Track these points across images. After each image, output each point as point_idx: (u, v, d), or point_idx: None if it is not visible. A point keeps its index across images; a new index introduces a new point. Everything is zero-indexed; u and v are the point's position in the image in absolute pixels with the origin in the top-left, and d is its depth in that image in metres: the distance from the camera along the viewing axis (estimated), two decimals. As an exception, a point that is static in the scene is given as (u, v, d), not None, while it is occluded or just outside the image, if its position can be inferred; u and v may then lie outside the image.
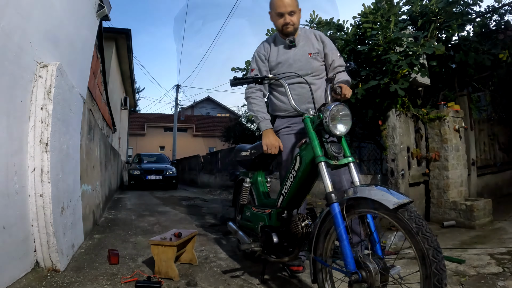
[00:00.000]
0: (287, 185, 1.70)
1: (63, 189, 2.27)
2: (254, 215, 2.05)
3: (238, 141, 10.91)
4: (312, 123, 1.53)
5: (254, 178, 2.24)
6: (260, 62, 2.11)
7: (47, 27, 2.14)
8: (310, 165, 1.53)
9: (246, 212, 2.19)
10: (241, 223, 2.29)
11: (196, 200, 7.13)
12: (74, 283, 1.89)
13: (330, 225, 1.37)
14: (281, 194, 1.76)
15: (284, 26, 2.01)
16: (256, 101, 2.03)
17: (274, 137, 1.93)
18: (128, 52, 9.04)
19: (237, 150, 2.38)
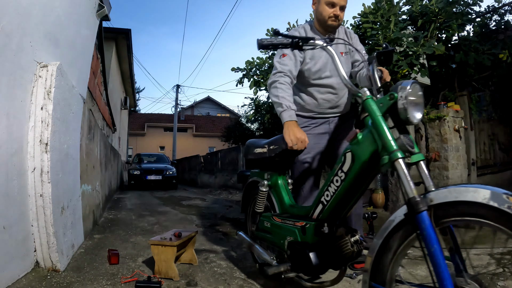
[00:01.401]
0: (330, 191, 1.36)
1: (63, 189, 2.27)
2: (278, 228, 1.66)
3: (238, 141, 10.91)
4: (379, 106, 1.16)
5: (273, 180, 1.83)
6: (296, 50, 1.82)
7: (47, 27, 2.14)
8: (368, 164, 1.21)
9: (264, 223, 1.80)
10: (256, 234, 1.92)
11: (196, 200, 7.13)
12: (74, 283, 1.89)
13: (400, 242, 1.04)
14: (320, 203, 1.42)
15: (331, 18, 1.84)
16: (284, 86, 1.73)
17: (300, 130, 1.61)
18: (128, 52, 9.05)
19: (249, 146, 1.95)
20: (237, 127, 11.53)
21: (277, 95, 1.72)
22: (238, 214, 4.82)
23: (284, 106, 1.68)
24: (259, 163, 1.94)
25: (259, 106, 6.31)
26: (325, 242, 1.39)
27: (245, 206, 2.21)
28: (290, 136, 1.59)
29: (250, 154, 1.92)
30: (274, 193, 1.83)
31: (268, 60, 4.69)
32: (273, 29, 1.44)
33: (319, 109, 1.95)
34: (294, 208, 1.70)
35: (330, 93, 1.90)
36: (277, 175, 1.83)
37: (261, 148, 1.82)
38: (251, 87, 4.64)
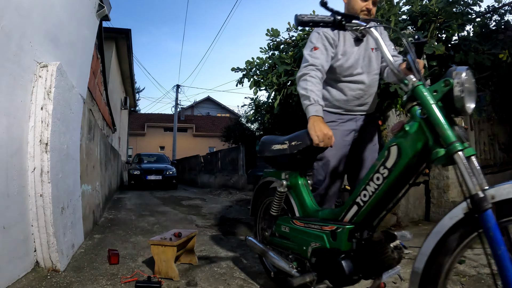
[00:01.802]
0: (369, 190, 1.20)
1: (63, 189, 2.27)
2: (300, 233, 1.51)
3: (238, 141, 10.91)
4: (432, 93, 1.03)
5: (292, 180, 1.66)
6: (328, 44, 1.73)
7: (47, 27, 2.14)
8: (416, 159, 1.08)
9: (282, 227, 1.64)
10: (271, 240, 1.76)
11: (196, 200, 7.13)
12: (74, 283, 1.89)
13: (458, 243, 0.93)
14: (354, 204, 1.27)
15: (363, 12, 1.75)
16: (314, 80, 1.63)
17: (327, 126, 1.49)
18: (128, 52, 9.05)
19: (266, 143, 1.79)
20: (237, 127, 11.55)
21: (305, 88, 1.60)
22: (238, 214, 4.82)
23: (311, 99, 1.56)
24: (276, 161, 1.75)
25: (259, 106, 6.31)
26: (360, 249, 1.23)
27: (255, 209, 2.04)
28: (317, 131, 1.45)
29: (266, 151, 1.76)
30: (294, 195, 1.66)
31: (268, 60, 4.69)
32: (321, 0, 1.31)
33: (347, 105, 1.85)
34: (319, 211, 1.51)
35: (360, 89, 1.81)
36: (297, 174, 1.66)
37: (281, 145, 1.65)
38: (251, 87, 4.64)
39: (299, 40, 4.36)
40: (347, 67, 1.78)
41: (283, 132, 6.70)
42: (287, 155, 1.60)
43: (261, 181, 1.93)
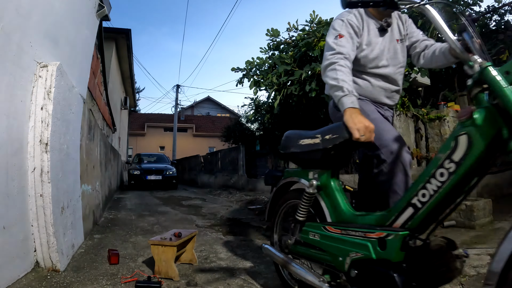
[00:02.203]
0: (430, 189, 1.02)
1: (63, 189, 2.27)
2: (335, 241, 1.30)
3: (238, 141, 10.91)
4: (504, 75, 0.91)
5: (323, 180, 1.45)
6: (353, 32, 1.60)
7: (47, 27, 2.14)
8: (488, 150, 0.95)
9: (310, 234, 1.43)
10: (294, 249, 1.56)
11: (196, 200, 7.13)
12: (74, 283, 1.89)
13: None
14: (409, 206, 1.08)
15: None
16: (344, 69, 1.49)
17: (366, 119, 1.33)
18: (128, 52, 9.05)
19: (291, 137, 1.60)
20: (237, 127, 11.54)
21: (336, 78, 1.46)
22: (238, 214, 4.82)
23: (345, 90, 1.41)
24: (304, 159, 1.54)
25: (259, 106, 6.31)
26: (415, 259, 1.04)
27: (272, 213, 1.82)
28: (356, 124, 1.29)
29: (292, 147, 1.56)
30: (325, 197, 1.45)
31: (268, 60, 4.69)
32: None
33: (373, 95, 1.71)
34: (358, 216, 1.31)
35: (386, 84, 1.70)
36: (328, 173, 1.45)
37: (311, 139, 1.45)
38: (251, 87, 4.64)
39: (299, 40, 4.36)
40: (372, 58, 1.65)
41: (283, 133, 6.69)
42: (319, 150, 1.41)
43: (281, 182, 1.73)
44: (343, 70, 1.48)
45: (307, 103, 4.65)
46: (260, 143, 9.83)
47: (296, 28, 4.56)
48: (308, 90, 3.90)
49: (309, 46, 4.03)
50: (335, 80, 1.46)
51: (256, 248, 2.79)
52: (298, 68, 4.14)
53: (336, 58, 1.52)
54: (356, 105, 1.38)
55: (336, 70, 1.48)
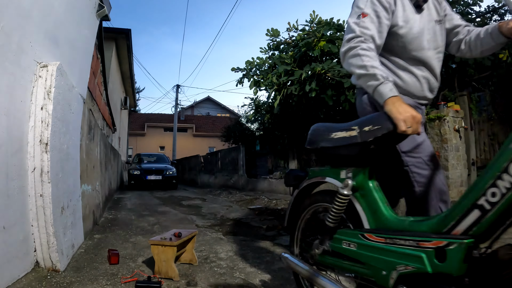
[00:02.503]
0: (503, 186, 0.84)
1: (63, 189, 2.27)
2: (377, 251, 1.11)
3: (238, 141, 10.91)
4: None
5: (359, 180, 1.26)
6: (382, 10, 1.36)
7: (47, 27, 2.14)
8: None
9: (344, 243, 1.24)
10: (321, 260, 1.37)
11: (196, 200, 7.13)
12: (74, 283, 1.89)
13: None
14: (475, 208, 0.90)
15: None
16: (370, 53, 1.29)
17: (411, 108, 1.15)
18: (128, 52, 9.05)
19: (320, 131, 1.39)
20: (237, 127, 11.54)
21: (363, 65, 1.27)
22: (238, 214, 4.82)
23: (379, 77, 1.23)
24: (336, 155, 1.33)
25: (259, 106, 6.31)
26: (481, 272, 0.89)
27: (293, 218, 1.60)
28: (402, 114, 1.12)
29: (322, 141, 1.34)
30: (361, 199, 1.25)
31: (268, 60, 4.69)
32: None
33: (417, 89, 1.47)
34: (405, 221, 1.12)
35: (429, 70, 1.46)
36: (365, 172, 1.25)
37: (346, 131, 1.25)
38: (251, 87, 4.64)
39: (299, 40, 4.36)
40: (412, 38, 1.41)
41: (283, 132, 6.70)
42: (357, 144, 1.20)
43: (305, 183, 1.52)
44: (369, 54, 1.28)
45: (307, 103, 4.65)
46: (260, 143, 9.84)
47: (296, 28, 4.57)
48: (308, 90, 3.90)
49: (309, 46, 4.03)
50: (363, 68, 1.27)
51: (256, 248, 2.79)
52: (298, 68, 4.14)
53: (357, 42, 1.32)
54: (396, 92, 1.21)
55: (360, 56, 1.29)
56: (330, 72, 3.81)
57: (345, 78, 3.76)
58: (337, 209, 1.27)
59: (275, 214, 4.64)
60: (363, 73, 1.28)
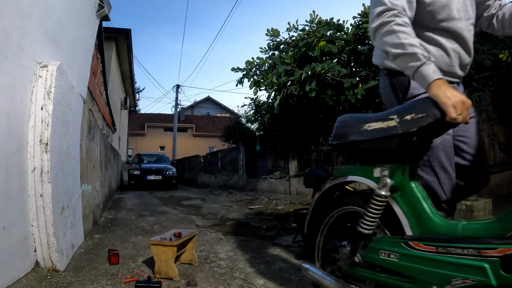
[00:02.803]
0: None
1: (63, 189, 2.27)
2: (427, 262, 0.95)
3: (238, 141, 10.92)
4: None
5: (399, 178, 1.09)
6: None
7: (47, 27, 2.14)
8: None
9: (382, 253, 1.07)
10: (352, 272, 1.19)
11: (196, 200, 7.13)
12: (74, 283, 1.89)
13: None
14: None
15: None
16: (406, 29, 1.14)
17: (458, 92, 1.01)
18: (128, 52, 9.05)
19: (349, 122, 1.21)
20: (237, 127, 11.55)
21: (400, 43, 1.12)
22: (238, 214, 4.82)
23: (420, 56, 1.08)
24: (369, 150, 1.15)
25: (259, 106, 6.32)
26: None
27: (315, 225, 1.40)
28: (451, 99, 0.97)
29: (353, 134, 1.17)
30: (402, 201, 1.08)
31: (268, 60, 4.69)
32: None
33: (447, 65, 1.31)
34: (457, 225, 0.96)
35: (460, 45, 1.31)
36: (406, 169, 1.08)
37: (382, 122, 1.08)
38: (251, 87, 4.65)
39: (299, 40, 4.37)
40: (440, 5, 1.26)
41: (283, 132, 6.70)
42: (396, 136, 1.04)
43: (328, 184, 1.33)
44: (405, 31, 1.13)
45: (307, 103, 4.65)
46: (260, 143, 9.84)
47: (296, 28, 4.57)
48: (308, 90, 3.90)
49: (309, 46, 4.03)
50: (400, 47, 1.12)
51: (256, 248, 2.79)
52: (298, 68, 4.14)
53: (390, 16, 1.16)
54: (440, 74, 1.06)
55: (396, 33, 1.13)
56: (330, 72, 3.81)
57: (345, 78, 3.76)
58: (373, 213, 1.09)
59: (275, 214, 4.64)
60: (400, 53, 1.12)
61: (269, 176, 8.07)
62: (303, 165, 6.63)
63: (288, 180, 6.78)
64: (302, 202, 5.30)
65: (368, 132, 1.12)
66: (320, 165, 6.27)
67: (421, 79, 1.07)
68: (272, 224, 3.84)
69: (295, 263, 2.34)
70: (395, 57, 1.15)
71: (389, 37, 1.15)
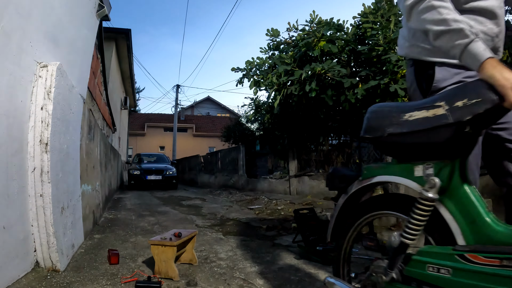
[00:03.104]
0: None
1: (63, 189, 2.27)
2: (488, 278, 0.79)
3: (238, 141, 10.92)
4: None
5: (446, 178, 0.92)
6: None
7: (47, 27, 2.14)
8: None
9: (429, 267, 0.90)
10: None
11: (196, 200, 7.13)
12: (74, 283, 1.89)
13: None
14: None
15: None
16: (447, 4, 1.03)
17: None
18: (128, 52, 9.05)
19: (384, 113, 1.04)
20: (237, 127, 11.55)
21: (443, 19, 1.00)
22: (238, 214, 4.82)
23: (467, 32, 0.96)
24: (409, 144, 0.98)
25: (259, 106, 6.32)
26: None
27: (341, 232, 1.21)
28: (510, 80, 0.84)
29: (390, 126, 1.00)
30: (452, 205, 0.91)
31: (268, 60, 4.69)
32: None
33: None
34: None
35: (493, 24, 1.17)
36: (455, 167, 0.92)
37: (427, 110, 0.92)
38: (251, 87, 4.65)
39: (299, 40, 4.37)
40: None
41: (283, 132, 6.71)
42: (447, 127, 0.88)
43: (357, 186, 1.15)
44: (446, 6, 1.02)
45: (307, 103, 4.65)
46: (260, 143, 9.85)
47: (296, 28, 4.57)
48: (308, 90, 3.90)
49: (309, 46, 4.03)
50: (442, 23, 1.00)
51: (256, 248, 2.79)
52: (298, 68, 4.14)
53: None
54: (490, 53, 0.93)
55: (436, 9, 1.02)
56: (330, 72, 3.81)
57: (345, 78, 3.76)
58: (419, 219, 0.92)
59: (275, 214, 4.64)
60: (443, 30, 1.00)
61: (269, 176, 8.07)
62: (303, 165, 6.63)
63: (288, 180, 6.78)
64: (302, 202, 5.30)
65: (410, 123, 0.95)
66: (320, 165, 6.27)
67: (471, 59, 0.94)
68: (272, 224, 3.84)
69: (295, 263, 2.34)
70: (438, 36, 1.02)
71: (429, 13, 1.03)
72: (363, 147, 5.69)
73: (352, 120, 4.90)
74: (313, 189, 5.86)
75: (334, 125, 5.73)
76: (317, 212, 3.34)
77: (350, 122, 5.12)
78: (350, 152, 5.79)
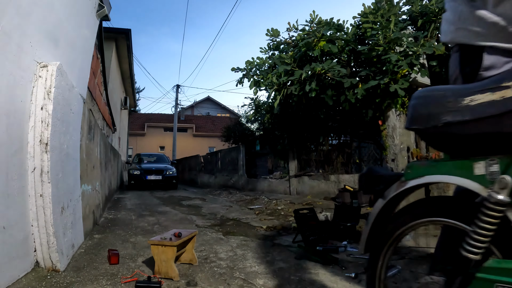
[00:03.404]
0: None
1: (63, 189, 2.27)
2: None
3: (238, 141, 10.92)
4: None
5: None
6: None
7: (47, 27, 2.14)
8: None
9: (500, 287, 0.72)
10: None
11: (196, 200, 7.13)
12: (74, 283, 1.89)
13: None
14: None
15: None
16: None
17: None
18: (128, 52, 9.05)
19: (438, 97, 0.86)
20: (237, 127, 11.55)
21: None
22: (238, 214, 4.82)
23: None
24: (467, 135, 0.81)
25: (259, 106, 6.32)
26: None
27: (377, 242, 1.02)
28: None
29: (446, 114, 0.82)
30: None
31: (268, 60, 4.69)
32: None
33: None
34: None
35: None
36: None
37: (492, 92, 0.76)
38: (251, 87, 4.65)
39: (299, 40, 4.37)
40: None
41: (283, 132, 6.71)
42: None
43: (400, 187, 0.95)
44: None
45: (307, 103, 4.65)
46: (260, 143, 9.84)
47: (296, 28, 4.57)
48: (308, 90, 3.90)
49: (309, 46, 4.03)
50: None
51: (256, 248, 2.79)
52: (298, 68, 4.14)
53: None
54: None
55: None
56: (330, 72, 3.81)
57: (345, 78, 3.76)
58: (485, 228, 0.76)
59: (275, 214, 4.64)
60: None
61: (269, 176, 8.07)
62: (303, 165, 6.63)
63: (288, 180, 6.78)
64: (302, 202, 5.30)
65: (472, 109, 0.78)
66: (320, 165, 6.27)
67: None
68: (272, 224, 3.84)
69: (295, 263, 2.34)
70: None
71: None
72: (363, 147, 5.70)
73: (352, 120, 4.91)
74: (313, 189, 5.86)
75: (334, 125, 5.73)
76: (317, 212, 3.35)
77: (350, 122, 5.12)
78: (350, 152, 5.79)
